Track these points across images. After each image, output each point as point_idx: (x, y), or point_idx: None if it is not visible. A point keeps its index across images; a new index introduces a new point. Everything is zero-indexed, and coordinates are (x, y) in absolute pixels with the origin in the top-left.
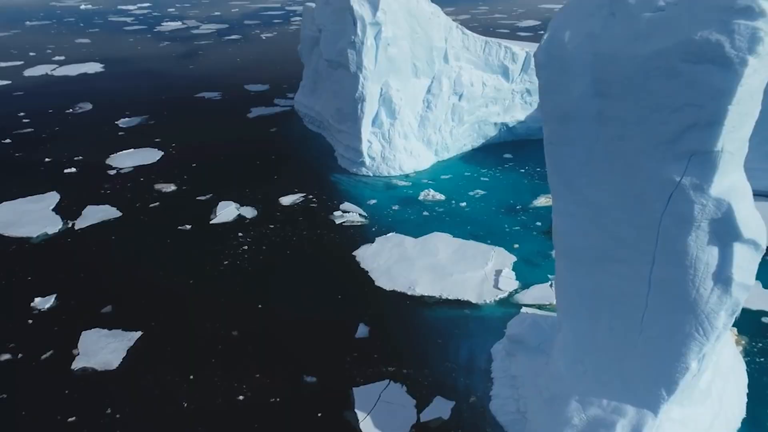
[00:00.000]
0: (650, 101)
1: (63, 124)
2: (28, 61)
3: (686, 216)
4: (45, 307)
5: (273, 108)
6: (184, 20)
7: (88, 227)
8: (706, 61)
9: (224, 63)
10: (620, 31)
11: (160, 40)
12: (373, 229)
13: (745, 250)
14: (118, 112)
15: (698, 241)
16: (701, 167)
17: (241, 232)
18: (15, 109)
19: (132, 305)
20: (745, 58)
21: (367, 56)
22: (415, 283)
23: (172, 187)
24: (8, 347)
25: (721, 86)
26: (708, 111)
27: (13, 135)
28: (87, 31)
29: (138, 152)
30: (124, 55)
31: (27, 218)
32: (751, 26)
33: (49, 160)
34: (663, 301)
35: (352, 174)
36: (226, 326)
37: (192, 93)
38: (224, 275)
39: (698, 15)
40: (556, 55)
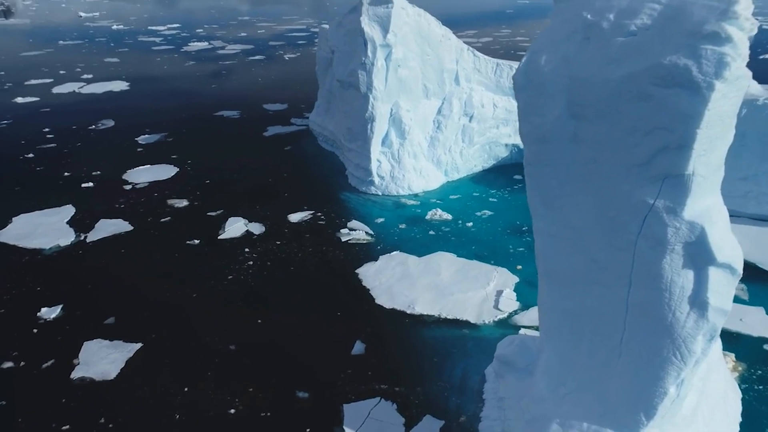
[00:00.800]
0: (623, 124)
1: (85, 140)
2: (58, 79)
3: (660, 239)
4: (51, 317)
5: (289, 127)
6: (211, 41)
7: (100, 240)
8: (675, 85)
9: (246, 82)
10: (594, 55)
11: (186, 59)
12: (379, 247)
13: (721, 275)
14: (139, 129)
15: (673, 265)
16: (674, 190)
17: (247, 248)
18: (41, 125)
19: (134, 317)
20: (712, 82)
21: (377, 77)
22: (415, 302)
23: (185, 202)
24: (12, 355)
25: (690, 110)
26: (677, 134)
27: (36, 150)
28: (116, 51)
29: (154, 168)
30: (150, 73)
31: (41, 230)
32: (718, 51)
33: (68, 175)
34: (641, 325)
35: (361, 193)
36: (224, 340)
37: (212, 111)
38: (228, 290)
39: (668, 40)
40: (533, 78)
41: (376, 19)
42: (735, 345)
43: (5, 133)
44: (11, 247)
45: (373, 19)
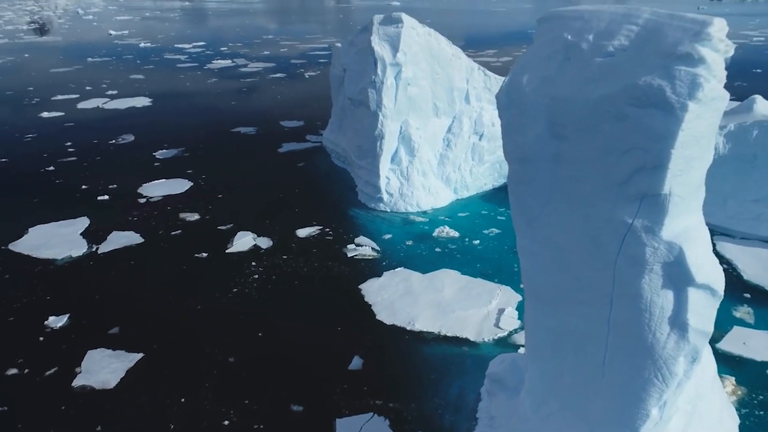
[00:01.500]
0: (601, 143)
1: (104, 154)
2: (84, 95)
3: (639, 258)
4: (57, 325)
5: (304, 144)
6: (234, 58)
7: (111, 252)
8: (650, 106)
9: (265, 100)
10: (574, 75)
11: (208, 76)
12: (384, 264)
13: (701, 296)
14: (157, 144)
15: (652, 285)
16: (652, 210)
17: (254, 262)
18: (63, 139)
19: (138, 328)
20: (685, 103)
21: (387, 95)
22: (416, 318)
23: (196, 216)
24: (17, 362)
25: (664, 130)
26: (653, 154)
27: (57, 163)
28: (142, 68)
29: (169, 182)
30: (172, 90)
31: (55, 241)
32: (692, 72)
33: (85, 188)
34: (622, 345)
35: (370, 209)
36: (224, 351)
37: (229, 128)
38: (231, 302)
39: (643, 61)
40: (515, 98)
41: (386, 38)
42: (736, 368)
43: (29, 147)
44: (25, 257)
45: (383, 39)
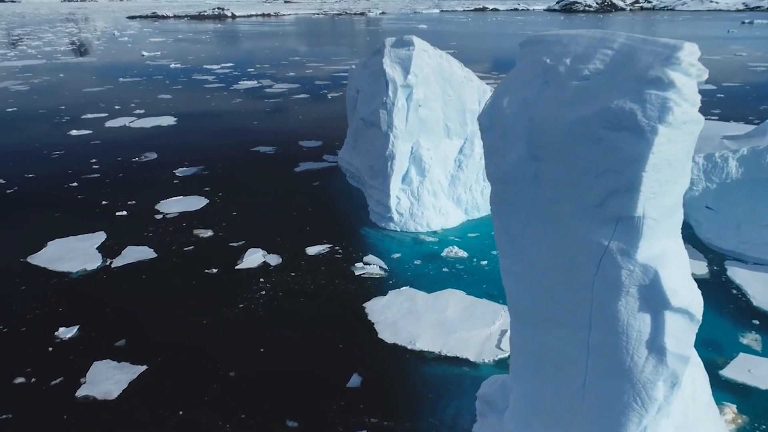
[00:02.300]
0: (577, 165)
1: (126, 171)
2: (112, 114)
3: (615, 281)
4: (67, 336)
5: (320, 163)
6: (260, 79)
7: (124, 266)
8: (623, 129)
9: (286, 120)
10: (551, 98)
11: (234, 97)
12: (390, 282)
13: (678, 320)
14: (178, 162)
15: (629, 308)
16: (627, 232)
17: (262, 278)
18: (89, 156)
19: (144, 340)
20: (655, 126)
21: (398, 116)
22: (418, 338)
23: (210, 233)
24: (24, 371)
25: (635, 153)
26: (626, 177)
27: (80, 179)
28: (170, 88)
29: (186, 199)
30: (197, 110)
31: (72, 254)
32: (662, 96)
33: (105, 203)
34: (601, 368)
35: (380, 228)
36: (225, 366)
37: (249, 147)
38: (237, 318)
39: (617, 84)
40: (496, 120)
41: (398, 60)
42: (739, 396)
43: (56, 163)
44: (42, 269)
45: (395, 61)
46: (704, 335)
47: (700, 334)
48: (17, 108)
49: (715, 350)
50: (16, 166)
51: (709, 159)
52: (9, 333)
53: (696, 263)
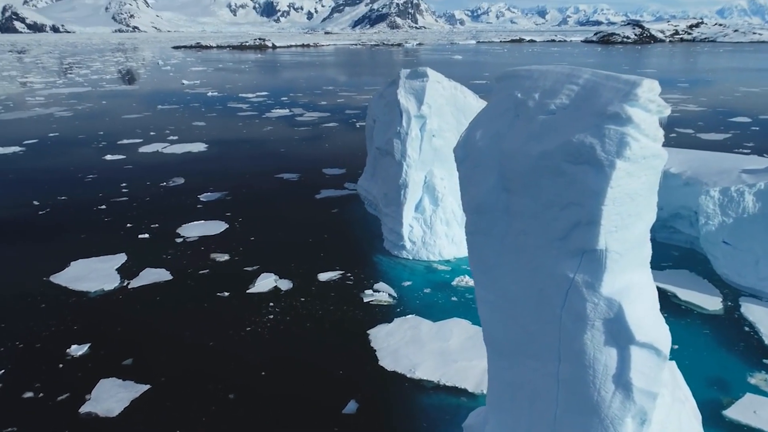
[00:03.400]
0: (543, 198)
1: (153, 195)
2: (147, 139)
3: (581, 314)
4: (78, 354)
5: (341, 191)
6: (292, 108)
7: (140, 287)
8: (584, 162)
9: (313, 147)
10: (520, 131)
11: (265, 124)
12: (398, 310)
13: (645, 355)
14: (203, 188)
15: (594, 341)
16: (591, 265)
17: (272, 303)
18: (119, 180)
19: (150, 360)
20: (614, 160)
21: (412, 146)
22: (418, 366)
23: (226, 257)
24: (34, 386)
25: (595, 186)
26: (587, 210)
27: (109, 202)
28: (205, 115)
29: (207, 223)
30: (228, 137)
31: (93, 275)
32: (620, 131)
33: (129, 226)
34: (571, 402)
35: (393, 256)
36: (226, 388)
37: (274, 173)
38: (242, 341)
39: (579, 119)
40: (470, 151)
41: (412, 91)
42: None
43: (88, 186)
44: (63, 288)
45: (409, 92)
46: (711, 373)
47: (706, 371)
48: (59, 133)
49: (720, 389)
50: (51, 188)
51: (724, 193)
52: (24, 349)
53: (710, 299)
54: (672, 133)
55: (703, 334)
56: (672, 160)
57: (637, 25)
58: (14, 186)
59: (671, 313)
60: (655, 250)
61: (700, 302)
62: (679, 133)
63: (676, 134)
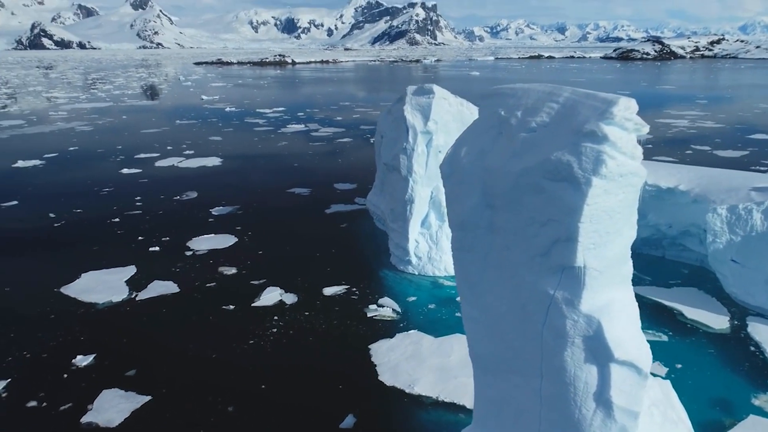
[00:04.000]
0: (525, 215)
1: (166, 208)
2: (163, 154)
3: (561, 331)
4: (83, 364)
5: (351, 206)
6: (308, 123)
7: (147, 299)
8: (562, 180)
9: (325, 162)
10: (503, 149)
11: (280, 139)
12: (401, 325)
13: (625, 373)
14: (215, 202)
15: (575, 358)
16: (571, 282)
17: (276, 316)
18: (134, 193)
19: (153, 371)
20: (590, 178)
21: (418, 162)
22: (417, 382)
23: (233, 270)
24: (38, 395)
25: (573, 204)
26: (565, 227)
27: (123, 215)
28: (222, 130)
29: (216, 237)
30: (243, 152)
31: (102, 287)
32: (596, 149)
33: (141, 239)
34: (553, 419)
35: (399, 271)
36: (225, 401)
37: (285, 188)
38: (245, 354)
39: (558, 137)
40: (455, 168)
41: (418, 107)
42: None
43: (103, 200)
44: (72, 300)
45: (416, 108)
46: (714, 393)
47: (709, 391)
48: (78, 147)
49: (723, 410)
50: (68, 201)
51: (732, 211)
52: (31, 358)
53: (717, 318)
54: (688, 150)
55: (707, 353)
56: (681, 177)
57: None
58: (32, 199)
59: (676, 332)
60: (665, 268)
61: (707, 321)
62: (695, 150)
63: (692, 151)
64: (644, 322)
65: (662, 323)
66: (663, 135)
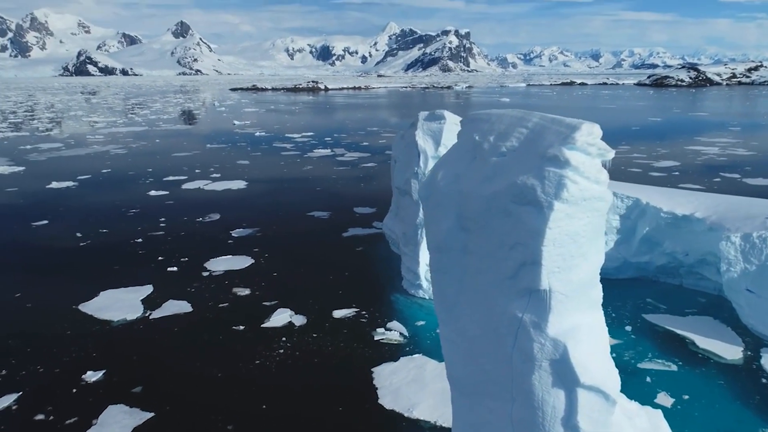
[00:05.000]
0: (495, 238)
1: (188, 229)
2: (191, 177)
3: (529, 354)
4: (92, 380)
5: (369, 229)
6: (334, 148)
7: (160, 318)
8: (527, 203)
9: (347, 186)
10: (476, 173)
11: (305, 164)
12: (407, 349)
13: (593, 398)
14: (236, 224)
15: (542, 382)
16: (538, 305)
17: (284, 337)
18: (159, 215)
19: (158, 388)
20: (552, 202)
21: None
22: (417, 406)
23: (247, 291)
24: (46, 408)
25: (536, 227)
26: (530, 250)
27: (146, 236)
28: (250, 154)
29: (234, 258)
30: (268, 175)
31: (118, 305)
32: (558, 173)
33: (161, 259)
34: None
35: (410, 295)
36: (225, 419)
37: (306, 211)
38: (250, 373)
39: (525, 161)
40: (433, 191)
41: (430, 133)
42: None
43: (129, 221)
44: (88, 317)
45: (427, 133)
46: (722, 425)
47: (716, 424)
48: (111, 169)
49: None
50: (95, 221)
51: (746, 239)
52: (43, 372)
53: (730, 348)
54: (716, 178)
55: (717, 384)
56: (698, 204)
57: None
58: (62, 218)
59: (686, 362)
60: (682, 297)
61: (719, 351)
62: (723, 178)
63: (720, 179)
64: (654, 351)
65: (672, 352)
66: (691, 162)
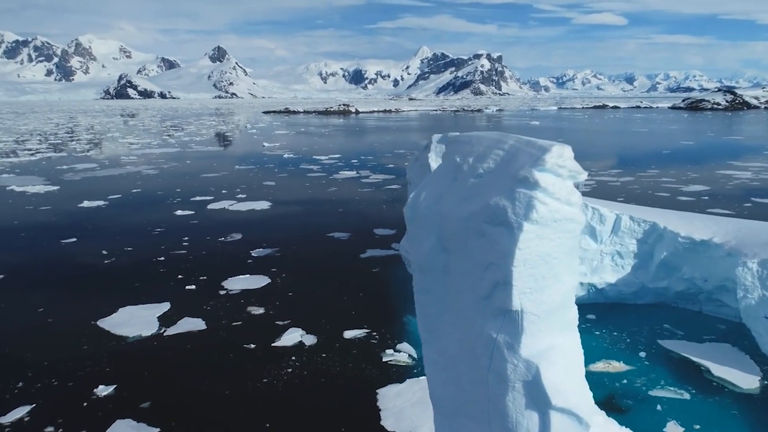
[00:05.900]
0: (471, 258)
1: (210, 249)
2: (217, 197)
3: (503, 375)
4: (103, 394)
5: (386, 251)
6: (360, 170)
7: (174, 335)
8: (499, 224)
9: (369, 208)
10: (456, 194)
11: (330, 185)
12: (414, 371)
13: (565, 421)
14: (257, 244)
15: (516, 403)
16: (511, 326)
17: (294, 357)
18: (183, 234)
19: (165, 404)
20: (521, 222)
21: None
22: (419, 428)
23: (261, 310)
24: (56, 421)
25: (507, 248)
26: (502, 270)
27: (168, 254)
28: (277, 175)
29: (251, 278)
30: (293, 197)
31: (134, 321)
32: (528, 195)
33: (180, 277)
34: None
35: None
36: None
37: (326, 232)
38: (257, 392)
39: (499, 183)
40: (416, 212)
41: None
42: None
43: (153, 239)
44: (106, 332)
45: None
46: None
47: None
48: (141, 189)
49: None
50: (121, 239)
51: (764, 265)
52: (56, 386)
53: (747, 377)
54: (747, 203)
55: (730, 414)
56: (717, 229)
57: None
58: (90, 236)
59: (700, 390)
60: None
61: (735, 379)
62: (754, 203)
63: (751, 204)
64: (667, 378)
65: (686, 380)
66: (722, 187)
